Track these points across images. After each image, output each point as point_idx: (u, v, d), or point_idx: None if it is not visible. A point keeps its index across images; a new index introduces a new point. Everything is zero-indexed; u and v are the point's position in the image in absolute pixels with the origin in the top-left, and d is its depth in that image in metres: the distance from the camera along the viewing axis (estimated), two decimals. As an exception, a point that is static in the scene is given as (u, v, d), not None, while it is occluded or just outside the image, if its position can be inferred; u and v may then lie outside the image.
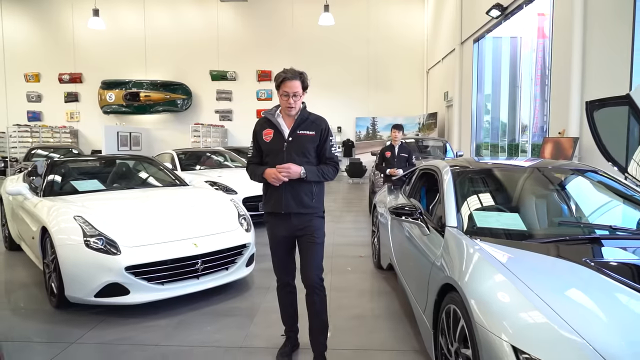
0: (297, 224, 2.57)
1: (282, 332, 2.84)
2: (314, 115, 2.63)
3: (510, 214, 2.79)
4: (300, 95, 2.50)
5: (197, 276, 3.51)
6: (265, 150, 2.58)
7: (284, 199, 2.53)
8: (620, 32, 5.35)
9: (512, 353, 1.63)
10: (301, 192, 2.54)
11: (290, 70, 2.50)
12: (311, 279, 2.54)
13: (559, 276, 2.00)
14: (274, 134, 2.56)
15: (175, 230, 3.58)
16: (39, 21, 17.47)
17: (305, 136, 2.55)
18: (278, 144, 2.53)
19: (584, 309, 1.76)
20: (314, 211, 2.59)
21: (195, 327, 3.19)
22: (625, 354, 1.53)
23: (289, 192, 2.52)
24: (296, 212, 2.55)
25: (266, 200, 2.64)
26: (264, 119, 2.64)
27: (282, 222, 2.59)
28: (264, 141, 2.58)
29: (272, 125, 2.58)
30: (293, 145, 2.52)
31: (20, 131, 15.39)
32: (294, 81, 2.46)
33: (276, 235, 2.64)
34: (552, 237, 2.53)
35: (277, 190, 2.54)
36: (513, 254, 2.19)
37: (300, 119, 2.56)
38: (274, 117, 2.58)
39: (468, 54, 11.48)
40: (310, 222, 2.58)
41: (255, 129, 2.65)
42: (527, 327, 1.70)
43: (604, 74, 5.74)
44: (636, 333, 1.62)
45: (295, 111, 2.54)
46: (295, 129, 2.55)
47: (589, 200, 3.12)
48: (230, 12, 16.70)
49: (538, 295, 1.78)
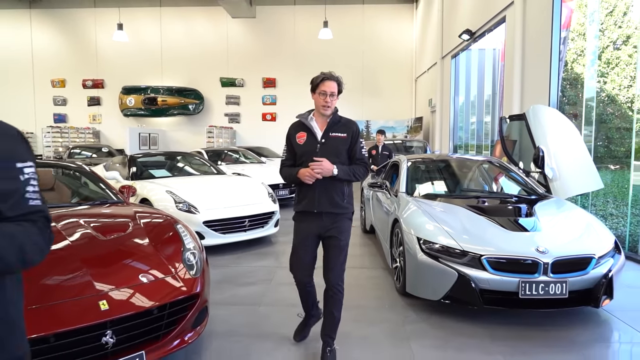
0: (327, 224, 2.63)
1: (300, 312, 3.01)
2: (345, 119, 2.74)
3: (434, 183, 4.74)
4: (335, 96, 2.61)
5: (245, 230, 5.43)
6: (299, 152, 2.65)
7: (317, 199, 2.59)
8: (543, 58, 7.26)
9: (415, 240, 3.53)
10: (333, 192, 2.60)
11: (329, 72, 2.63)
12: (332, 281, 2.62)
13: (447, 211, 3.90)
14: (307, 137, 2.65)
15: (230, 200, 5.49)
16: (65, 32, 19.29)
17: (337, 138, 2.64)
18: (311, 146, 2.62)
19: (452, 221, 3.65)
20: (344, 211, 2.66)
21: (247, 260, 5.10)
22: (462, 236, 3.42)
23: (322, 192, 2.59)
24: (328, 211, 2.61)
25: (299, 200, 2.71)
26: (297, 122, 2.74)
27: (313, 221, 2.64)
28: (297, 144, 2.66)
29: (305, 128, 2.67)
30: (326, 147, 2.61)
31: (53, 132, 17.22)
32: (332, 81, 2.59)
33: (305, 234, 2.68)
34: (455, 196, 4.46)
35: (310, 190, 2.59)
36: (428, 203, 4.11)
37: (333, 122, 2.66)
38: (307, 121, 2.67)
39: (447, 68, 13.41)
40: (340, 223, 2.64)
41: (288, 132, 2.73)
42: (424, 228, 3.59)
43: (535, 88, 7.65)
44: (472, 227, 3.51)
45: (330, 111, 2.63)
46: (327, 131, 2.64)
47: (484, 177, 5.08)
48: (239, 26, 18.58)
49: (432, 216, 3.70)
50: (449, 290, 3.24)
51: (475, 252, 3.23)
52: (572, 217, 3.76)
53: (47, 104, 19.52)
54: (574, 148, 4.64)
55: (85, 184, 3.88)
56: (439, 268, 3.29)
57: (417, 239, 3.53)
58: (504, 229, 3.46)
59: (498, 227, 3.50)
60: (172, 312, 2.40)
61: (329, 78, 2.60)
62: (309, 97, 2.74)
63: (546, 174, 4.58)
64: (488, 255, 3.19)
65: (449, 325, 3.25)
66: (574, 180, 4.48)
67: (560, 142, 4.65)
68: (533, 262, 3.11)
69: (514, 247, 3.23)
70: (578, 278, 3.13)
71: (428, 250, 3.42)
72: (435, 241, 3.42)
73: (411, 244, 3.56)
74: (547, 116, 4.93)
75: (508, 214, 3.89)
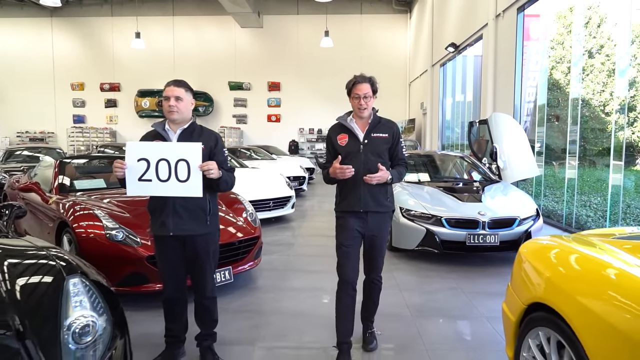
0: (372, 223, 2.64)
1: (335, 343, 2.67)
2: (385, 119, 2.73)
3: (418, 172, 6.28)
4: (370, 97, 2.58)
5: (269, 210, 6.94)
6: (343, 153, 2.61)
7: (363, 199, 2.59)
8: (509, 70, 8.80)
9: (399, 210, 5.05)
10: (378, 192, 2.61)
11: (361, 75, 2.61)
12: (372, 276, 2.77)
13: (423, 191, 5.43)
14: (349, 138, 2.64)
15: (258, 187, 7.00)
16: (84, 39, 20.73)
17: (379, 138, 2.64)
18: (354, 147, 2.61)
19: (425, 197, 5.18)
20: (388, 210, 2.69)
21: (273, 232, 6.61)
22: (430, 206, 4.95)
23: (368, 192, 2.59)
24: (374, 210, 2.62)
25: (341, 199, 2.68)
26: (337, 124, 2.73)
27: (358, 220, 2.63)
28: (339, 145, 2.64)
29: (346, 129, 2.66)
30: (369, 147, 2.60)
31: (75, 132, 18.70)
32: (363, 84, 2.56)
33: (350, 234, 2.64)
34: (432, 181, 6.00)
35: (355, 189, 2.59)
36: (411, 186, 5.63)
37: (374, 123, 2.65)
38: (347, 122, 2.66)
39: (436, 75, 14.96)
40: (384, 222, 2.69)
41: (328, 135, 2.73)
42: (406, 202, 5.11)
43: (504, 95, 9.18)
44: (439, 201, 5.04)
45: (367, 113, 2.61)
46: (369, 131, 2.64)
47: (456, 167, 6.63)
48: (247, 34, 20.07)
49: (412, 194, 5.23)
50: (420, 241, 4.78)
51: (438, 215, 4.77)
52: (509, 194, 5.31)
53: (67, 106, 20.96)
54: (520, 145, 6.18)
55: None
56: (414, 227, 4.83)
57: (400, 209, 5.06)
58: (460, 201, 5.01)
59: (457, 200, 5.04)
60: (245, 245, 3.95)
61: (359, 81, 2.59)
62: (311, 99, 3.95)
63: (499, 165, 6.12)
64: (446, 216, 4.73)
65: (419, 264, 4.80)
66: (518, 169, 6.02)
67: (510, 141, 6.19)
68: (475, 221, 4.65)
69: (464, 212, 4.77)
70: (506, 232, 4.67)
71: (407, 216, 4.95)
72: (412, 209, 4.96)
73: (396, 213, 5.10)
74: (502, 121, 6.46)
75: (466, 192, 5.43)
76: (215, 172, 2.37)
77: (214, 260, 2.64)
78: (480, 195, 5.16)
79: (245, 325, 3.24)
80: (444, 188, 5.47)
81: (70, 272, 1.81)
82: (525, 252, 2.26)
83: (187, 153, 2.29)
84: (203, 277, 2.58)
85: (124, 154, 2.39)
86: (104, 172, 5.04)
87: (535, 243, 2.31)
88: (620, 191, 5.88)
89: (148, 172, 2.29)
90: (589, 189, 8.64)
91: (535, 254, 2.19)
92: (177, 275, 2.57)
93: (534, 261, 2.14)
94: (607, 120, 10.93)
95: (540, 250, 2.19)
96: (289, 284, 4.23)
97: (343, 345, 2.62)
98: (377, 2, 19.59)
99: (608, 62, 11.81)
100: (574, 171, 6.78)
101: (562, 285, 1.87)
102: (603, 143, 10.62)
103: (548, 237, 2.32)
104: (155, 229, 2.49)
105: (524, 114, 8.94)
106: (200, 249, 2.52)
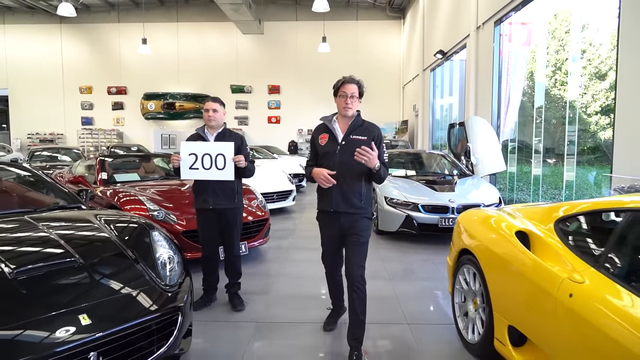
0: (345, 223, 2.69)
1: (330, 304, 3.20)
2: (368, 123, 2.76)
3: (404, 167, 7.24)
4: (356, 98, 2.66)
5: (273, 201, 7.89)
6: (321, 152, 2.71)
7: (334, 199, 2.65)
8: (489, 75, 9.77)
9: (384, 198, 6.02)
10: (350, 193, 2.65)
11: (350, 76, 2.70)
12: (353, 276, 2.64)
13: (405, 183, 6.39)
14: (329, 138, 2.71)
15: (263, 181, 7.94)
16: (92, 44, 21.66)
17: (357, 140, 2.65)
18: (332, 147, 2.68)
19: (407, 188, 6.14)
20: (361, 212, 2.70)
21: (277, 220, 7.54)
22: (410, 195, 5.92)
23: (339, 193, 2.64)
24: (344, 211, 2.66)
25: (319, 199, 2.80)
26: (321, 124, 2.81)
27: (331, 220, 2.73)
28: (319, 144, 2.73)
29: (327, 130, 2.74)
30: (345, 149, 2.64)
31: (85, 134, 19.63)
32: (352, 84, 2.65)
33: (326, 231, 2.81)
34: (414, 176, 6.96)
35: (328, 190, 2.65)
36: (396, 179, 6.59)
37: (354, 125, 2.70)
38: (330, 123, 2.73)
39: (427, 79, 15.93)
40: (357, 222, 2.68)
41: (312, 134, 2.82)
42: (390, 192, 6.08)
43: (484, 98, 10.14)
44: (418, 191, 6.00)
45: (351, 112, 2.67)
46: (349, 133, 2.69)
47: (438, 164, 7.59)
48: (248, 40, 21.02)
49: (395, 186, 6.19)
50: (401, 224, 5.74)
51: (416, 202, 5.73)
52: (477, 186, 6.28)
53: (75, 108, 21.87)
54: (491, 145, 7.14)
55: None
56: (396, 212, 5.79)
57: (385, 198, 6.02)
58: (436, 191, 5.97)
59: (433, 190, 6.00)
60: (257, 225, 4.96)
61: (348, 81, 2.67)
62: (309, 102, 4.68)
63: (472, 162, 7.08)
64: (422, 203, 5.70)
65: (400, 243, 5.77)
66: (488, 165, 6.99)
67: (482, 141, 7.15)
68: (446, 207, 5.61)
69: (437, 199, 5.73)
70: (472, 216, 5.64)
71: (390, 204, 5.92)
72: (395, 198, 5.92)
73: (381, 201, 6.06)
74: (477, 124, 7.43)
75: (442, 184, 6.39)
76: (243, 162, 3.32)
77: (239, 229, 3.59)
78: (454, 187, 6.13)
79: (259, 283, 4.20)
80: (425, 181, 6.44)
81: (151, 227, 2.80)
82: (460, 218, 3.24)
83: (224, 149, 3.24)
84: (232, 240, 3.53)
85: (131, 153, 3.34)
86: (137, 168, 6.00)
87: (466, 213, 3.28)
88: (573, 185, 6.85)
89: (196, 162, 3.24)
90: (554, 183, 9.64)
91: (464, 219, 3.17)
92: (213, 239, 3.53)
93: (464, 223, 3.12)
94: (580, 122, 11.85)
95: (467, 216, 3.17)
96: (292, 257, 5.20)
97: (336, 305, 3.17)
98: (372, 9, 20.57)
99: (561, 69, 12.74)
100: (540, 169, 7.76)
101: (476, 235, 2.85)
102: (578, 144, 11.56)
103: (475, 210, 3.30)
104: (199, 204, 3.45)
105: (509, 115, 9.83)
106: (230, 219, 3.47)
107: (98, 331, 1.90)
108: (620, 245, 1.90)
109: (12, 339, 1.74)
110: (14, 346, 1.73)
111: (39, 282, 2.03)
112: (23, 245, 2.42)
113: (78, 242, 2.49)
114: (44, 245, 2.39)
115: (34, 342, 1.76)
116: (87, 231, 2.70)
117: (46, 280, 2.06)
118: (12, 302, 1.90)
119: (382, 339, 3.07)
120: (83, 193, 3.66)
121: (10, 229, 2.60)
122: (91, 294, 2.08)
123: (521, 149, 8.85)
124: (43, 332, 1.81)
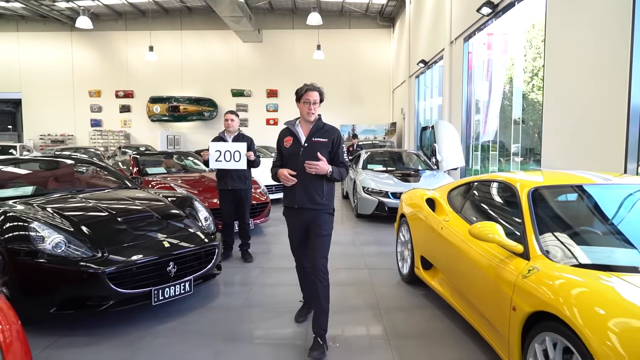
0: (308, 218, 2.94)
1: (301, 297, 3.46)
2: (328, 126, 3.00)
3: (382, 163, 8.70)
4: (318, 104, 2.91)
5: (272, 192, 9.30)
6: (286, 154, 2.97)
7: (298, 196, 2.91)
8: (459, 83, 11.20)
9: (362, 188, 7.46)
10: (312, 191, 2.89)
11: (312, 84, 2.94)
12: (315, 266, 2.84)
13: (383, 178, 7.83)
14: (293, 141, 2.95)
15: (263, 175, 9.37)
16: (101, 51, 23.04)
17: (318, 143, 2.90)
18: (296, 149, 2.92)
19: (381, 180, 7.58)
20: (322, 208, 2.93)
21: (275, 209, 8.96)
22: (382, 185, 7.36)
23: (302, 190, 2.89)
24: (307, 207, 2.91)
25: (284, 196, 3.07)
26: (286, 128, 3.05)
27: (295, 215, 3.00)
28: (285, 147, 2.98)
29: (292, 133, 2.98)
30: (308, 150, 2.88)
31: (96, 135, 21.03)
32: (314, 92, 2.90)
33: (291, 226, 3.09)
34: (389, 170, 8.41)
35: (292, 187, 2.91)
36: (373, 173, 8.03)
37: (316, 128, 2.94)
38: (294, 127, 2.98)
39: (412, 85, 17.39)
40: (318, 217, 2.91)
41: (278, 137, 3.07)
42: (367, 183, 7.51)
43: (456, 103, 11.58)
44: (389, 182, 7.44)
45: (313, 117, 2.93)
46: (311, 136, 2.92)
47: (412, 161, 9.06)
48: (248, 47, 22.46)
49: (373, 179, 7.63)
50: (374, 208, 7.19)
51: (386, 190, 7.18)
52: (438, 178, 7.72)
53: (85, 111, 23.24)
54: (453, 144, 8.60)
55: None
56: (371, 199, 7.24)
57: (363, 187, 7.47)
58: (404, 182, 7.41)
59: (401, 182, 7.44)
60: (260, 206, 6.43)
61: (311, 89, 2.88)
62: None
63: (437, 159, 8.54)
64: (391, 191, 7.14)
65: (373, 222, 7.22)
66: (450, 161, 8.45)
67: (446, 141, 8.60)
68: (410, 194, 7.06)
69: (404, 188, 7.16)
70: (431, 201, 7.09)
71: (366, 192, 7.36)
72: (370, 187, 7.37)
73: (360, 191, 7.51)
74: (443, 127, 8.88)
75: (409, 176, 7.83)
76: (252, 157, 4.76)
77: (249, 204, 5.03)
78: (419, 178, 7.58)
79: (261, 248, 5.64)
80: (400, 174, 7.89)
81: (191, 198, 4.28)
82: (402, 196, 4.69)
83: (239, 147, 4.66)
84: (244, 212, 4.97)
85: (139, 152, 4.76)
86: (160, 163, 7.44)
87: (406, 192, 4.73)
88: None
89: (220, 157, 4.66)
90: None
91: (404, 196, 4.62)
92: (230, 211, 4.96)
93: (403, 198, 4.58)
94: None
95: (406, 194, 4.62)
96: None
97: (306, 299, 3.41)
98: (364, 18, 22.03)
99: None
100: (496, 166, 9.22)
101: (407, 203, 4.30)
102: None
103: (411, 189, 4.74)
104: (221, 186, 4.88)
105: (490, 118, 10.95)
106: (243, 196, 4.91)
107: (175, 250, 3.35)
108: (468, 199, 3.36)
109: (136, 245, 3.26)
110: (138, 250, 3.22)
111: (137, 223, 3.48)
112: (120, 205, 3.85)
113: (149, 204, 3.90)
114: (132, 206, 3.83)
115: (148, 248, 3.21)
116: (151, 200, 4.09)
117: (141, 223, 3.50)
118: (127, 233, 3.34)
119: (348, 277, 4.50)
120: (136, 179, 5.10)
121: (108, 197, 4.05)
122: (168, 230, 3.56)
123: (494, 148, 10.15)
124: (150, 246, 3.28)
